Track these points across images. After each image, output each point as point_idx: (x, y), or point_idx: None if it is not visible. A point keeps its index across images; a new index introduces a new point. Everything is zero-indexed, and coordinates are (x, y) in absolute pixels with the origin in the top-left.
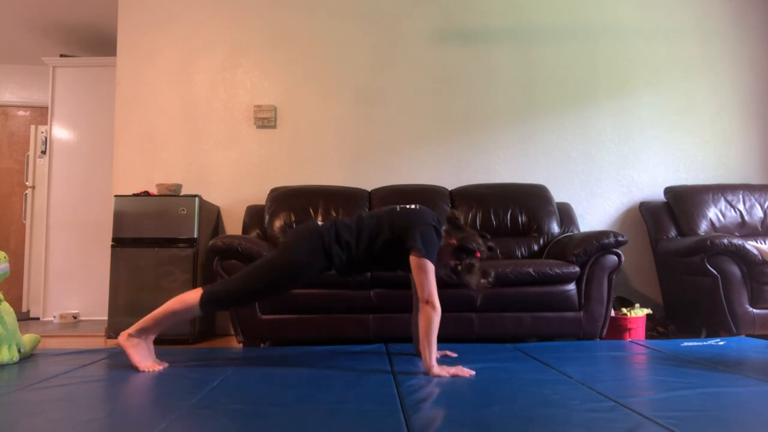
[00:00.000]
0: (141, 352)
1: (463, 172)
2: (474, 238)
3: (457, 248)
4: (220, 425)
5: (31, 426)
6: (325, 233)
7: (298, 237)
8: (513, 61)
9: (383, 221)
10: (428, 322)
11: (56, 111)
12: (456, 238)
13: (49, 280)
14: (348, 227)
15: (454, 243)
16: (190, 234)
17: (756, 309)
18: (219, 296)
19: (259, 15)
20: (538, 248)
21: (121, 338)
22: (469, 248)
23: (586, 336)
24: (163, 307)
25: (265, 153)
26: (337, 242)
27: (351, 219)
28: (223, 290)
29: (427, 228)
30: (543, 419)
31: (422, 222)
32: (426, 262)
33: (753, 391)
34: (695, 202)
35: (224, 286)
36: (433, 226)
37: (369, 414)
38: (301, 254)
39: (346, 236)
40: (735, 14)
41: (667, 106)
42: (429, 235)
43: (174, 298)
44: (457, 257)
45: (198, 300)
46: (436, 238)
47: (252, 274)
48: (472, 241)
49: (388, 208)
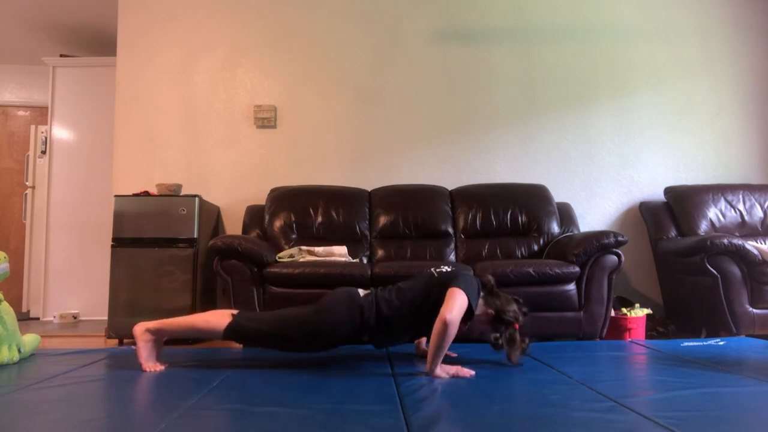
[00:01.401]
0: (150, 350)
1: (463, 172)
2: (510, 307)
3: (494, 318)
4: (220, 425)
5: (31, 426)
6: (366, 308)
7: (340, 305)
8: (513, 61)
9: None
10: (443, 334)
11: (56, 111)
12: (492, 306)
13: (49, 280)
14: (388, 302)
15: (491, 313)
16: (190, 234)
17: (756, 309)
18: (245, 333)
19: (259, 15)
20: (538, 248)
21: (138, 329)
22: (507, 320)
23: (586, 336)
24: (189, 319)
25: (265, 153)
26: (377, 317)
27: (390, 292)
28: (251, 328)
29: (469, 278)
30: (543, 419)
31: (465, 275)
32: (463, 296)
33: (753, 391)
34: (695, 202)
35: (253, 323)
36: (475, 282)
37: (369, 414)
38: (337, 323)
39: (387, 311)
40: (735, 14)
41: (667, 106)
42: (471, 283)
43: (202, 315)
44: (495, 328)
45: (224, 328)
46: (477, 292)
47: (283, 323)
48: (509, 310)
49: (424, 275)
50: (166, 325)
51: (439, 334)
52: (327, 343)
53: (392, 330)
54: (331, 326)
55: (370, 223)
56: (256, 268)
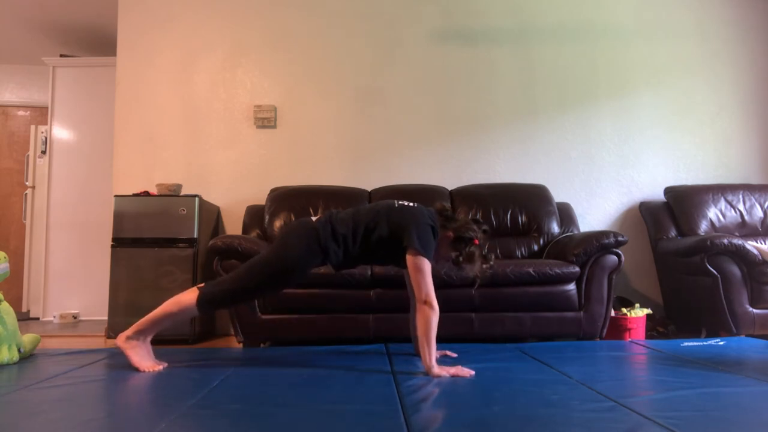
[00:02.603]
0: (140, 353)
1: (463, 172)
2: (468, 226)
3: (454, 240)
4: (220, 425)
5: (31, 426)
6: (321, 228)
7: (293, 233)
8: (513, 61)
9: (380, 217)
10: (427, 322)
11: (56, 111)
12: (451, 229)
13: (49, 280)
14: (344, 221)
15: (450, 235)
16: (190, 234)
17: (756, 309)
18: (215, 296)
19: (259, 15)
20: (538, 248)
21: (119, 340)
22: (466, 237)
23: (586, 336)
24: (160, 309)
25: (265, 153)
26: (333, 237)
27: (347, 212)
28: (219, 290)
29: (423, 227)
30: (543, 419)
31: (419, 221)
32: (423, 261)
33: (753, 391)
34: (695, 202)
35: (220, 286)
36: (430, 225)
37: (369, 414)
38: (296, 250)
39: (342, 230)
40: (735, 14)
41: (667, 106)
42: (426, 234)
43: (170, 299)
44: (455, 248)
45: (194, 301)
46: (433, 237)
47: (247, 272)
48: (467, 229)
49: (386, 203)
50: (142, 324)
51: (422, 323)
52: (296, 276)
53: (352, 252)
54: (293, 259)
55: None
56: None
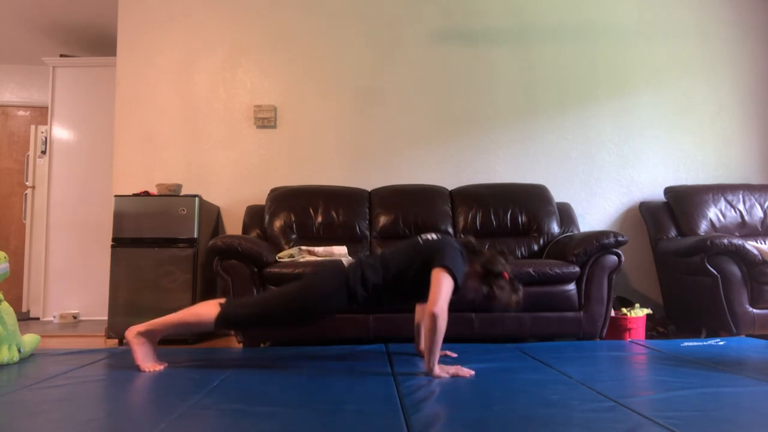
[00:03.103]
0: (145, 351)
1: (463, 172)
2: (496, 259)
3: (483, 274)
4: (220, 425)
5: (31, 426)
6: (351, 275)
7: (324, 275)
8: (513, 61)
9: (408, 255)
10: (434, 329)
11: (56, 111)
12: (479, 263)
13: (49, 280)
14: (373, 267)
15: (479, 270)
16: (190, 234)
17: (756, 309)
18: (236, 318)
19: (259, 15)
20: (538, 248)
21: (129, 333)
22: (496, 271)
23: (586, 336)
24: (178, 316)
25: (265, 153)
26: (362, 283)
27: (375, 258)
28: (241, 313)
29: (453, 250)
30: (543, 419)
31: (448, 246)
32: (447, 278)
33: (753, 391)
34: (695, 202)
35: (242, 309)
36: (459, 249)
37: (369, 414)
38: (323, 291)
39: (372, 277)
40: (735, 14)
41: (667, 106)
42: (455, 256)
43: (191, 309)
44: (486, 282)
45: (213, 318)
46: (462, 262)
47: (272, 302)
48: (496, 263)
49: (410, 242)
50: (157, 325)
51: (431, 329)
52: (317, 316)
53: (379, 296)
54: (319, 300)
55: (370, 223)
56: (256, 268)
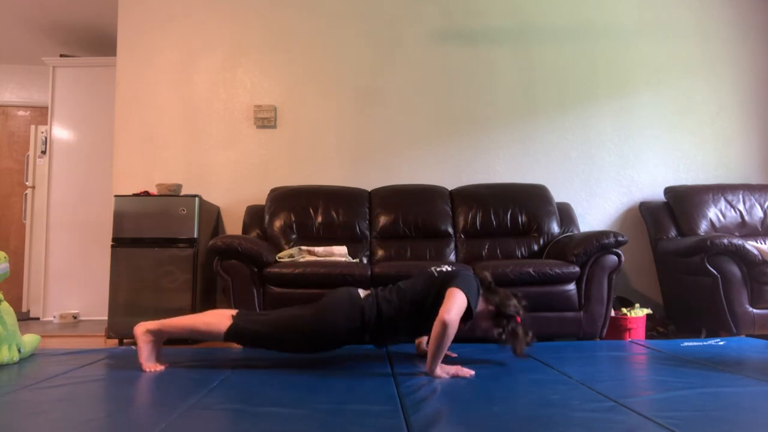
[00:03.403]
0: (150, 350)
1: (463, 172)
2: (509, 301)
3: (495, 314)
4: (220, 425)
5: (31, 426)
6: (367, 309)
7: (340, 306)
8: (513, 61)
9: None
10: (442, 335)
11: (56, 111)
12: (492, 303)
13: (49, 280)
14: (389, 302)
15: (492, 309)
16: (190, 234)
17: (756, 309)
18: (246, 335)
19: (259, 15)
20: (538, 248)
21: (138, 329)
22: (508, 314)
23: (586, 336)
24: (190, 321)
25: (265, 153)
26: (377, 316)
27: (390, 292)
28: (251, 330)
29: (468, 278)
30: (543, 419)
31: (463, 274)
32: (461, 293)
33: (753, 391)
34: (695, 202)
35: (253, 325)
36: (474, 279)
37: (369, 414)
38: (337, 323)
39: (388, 311)
40: (735, 14)
41: (667, 106)
42: (470, 283)
43: (202, 316)
44: (497, 324)
45: (224, 330)
46: (476, 290)
47: (284, 324)
48: (509, 305)
49: (424, 274)
50: (166, 326)
51: (438, 335)
52: (328, 344)
53: (393, 330)
54: (332, 328)
55: (370, 223)
56: (256, 268)
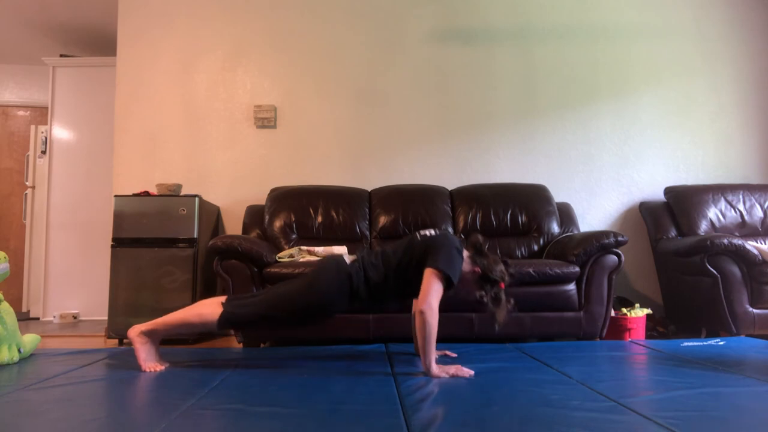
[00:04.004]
0: (147, 351)
1: (463, 172)
2: (498, 267)
3: (480, 277)
4: (220, 425)
5: (31, 426)
6: (354, 275)
7: (326, 273)
8: (513, 61)
9: (407, 253)
10: (426, 325)
11: (56, 111)
12: (480, 266)
13: (49, 280)
14: (375, 266)
15: (478, 272)
16: (190, 234)
17: (756, 309)
18: (238, 319)
19: (259, 15)
20: (538, 248)
21: (132, 332)
22: (493, 279)
23: (586, 336)
24: (180, 316)
25: (265, 153)
26: (365, 283)
27: (376, 257)
28: (242, 313)
29: (449, 249)
30: (543, 419)
31: (444, 244)
32: (437, 276)
33: (753, 391)
34: (695, 202)
35: (244, 309)
36: (455, 247)
37: (369, 414)
38: (326, 291)
39: (375, 277)
40: (735, 14)
41: (667, 106)
42: (450, 256)
43: (193, 309)
44: (480, 287)
45: (216, 319)
46: (459, 260)
47: (274, 301)
48: (495, 270)
49: (407, 240)
50: (159, 325)
51: (421, 327)
52: (321, 315)
53: (380, 295)
54: (323, 299)
55: (370, 223)
56: (256, 268)
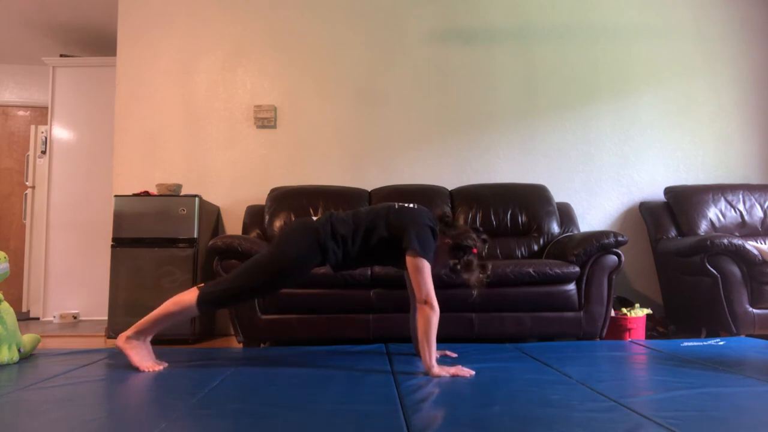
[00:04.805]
0: (140, 353)
1: (463, 172)
2: (468, 234)
3: (452, 247)
4: (220, 425)
5: (31, 426)
6: (321, 228)
7: (293, 232)
8: (513, 62)
9: (380, 218)
10: (427, 322)
11: (56, 111)
12: (450, 236)
13: (49, 280)
14: (344, 222)
15: (449, 242)
16: (190, 234)
17: (756, 309)
18: (215, 296)
19: (259, 15)
20: (538, 248)
21: (119, 341)
22: (465, 245)
23: (586, 336)
24: (160, 309)
25: (265, 153)
26: (332, 237)
27: (347, 213)
28: (219, 290)
29: (423, 228)
30: (543, 419)
31: (418, 222)
32: (422, 262)
33: (753, 391)
34: (695, 202)
35: (220, 285)
36: (429, 226)
37: (369, 414)
38: (295, 249)
39: (342, 231)
40: (735, 14)
41: (667, 106)
42: (425, 235)
43: (170, 299)
44: (454, 255)
45: (194, 301)
46: (433, 239)
47: (247, 272)
48: (466, 237)
49: (386, 205)
50: (143, 325)
51: (422, 323)
52: (296, 276)
53: (352, 253)
54: (292, 258)
55: None
56: None
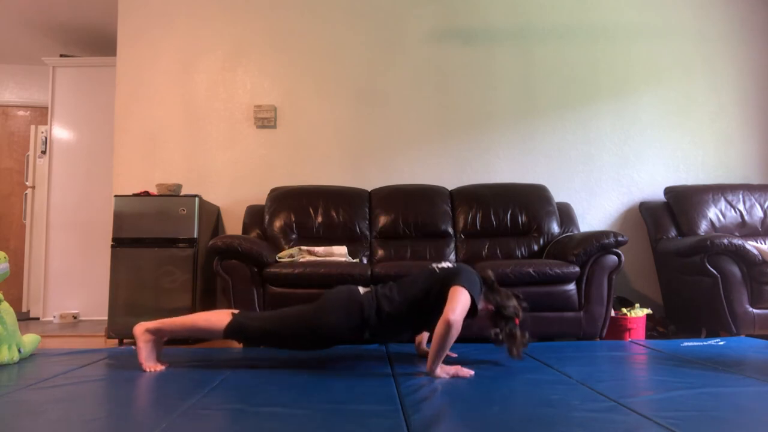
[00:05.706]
0: (150, 350)
1: (463, 172)
2: (510, 302)
3: (495, 314)
4: (220, 425)
5: (31, 426)
6: (366, 305)
7: (339, 302)
8: (513, 61)
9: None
10: (447, 333)
11: (56, 111)
12: (492, 303)
13: (49, 280)
14: (389, 299)
15: (491, 309)
16: (190, 234)
17: (756, 309)
18: (245, 330)
19: (259, 15)
20: (538, 248)
21: (138, 329)
22: (507, 315)
23: (586, 336)
24: (190, 318)
25: (265, 153)
26: (377, 313)
27: (390, 289)
28: (251, 326)
29: (471, 275)
30: (543, 419)
31: (469, 271)
32: (465, 291)
33: (753, 391)
34: (695, 202)
35: (253, 322)
36: (476, 275)
37: (369, 414)
38: (335, 319)
39: (387, 308)
40: (735, 14)
41: (667, 106)
42: (473, 280)
43: (203, 314)
44: (495, 323)
45: (224, 326)
46: (479, 287)
47: (285, 320)
48: (508, 306)
49: (425, 271)
50: (166, 325)
51: (442, 335)
52: (328, 341)
53: (393, 327)
54: (332, 325)
55: (370, 223)
56: (256, 268)
